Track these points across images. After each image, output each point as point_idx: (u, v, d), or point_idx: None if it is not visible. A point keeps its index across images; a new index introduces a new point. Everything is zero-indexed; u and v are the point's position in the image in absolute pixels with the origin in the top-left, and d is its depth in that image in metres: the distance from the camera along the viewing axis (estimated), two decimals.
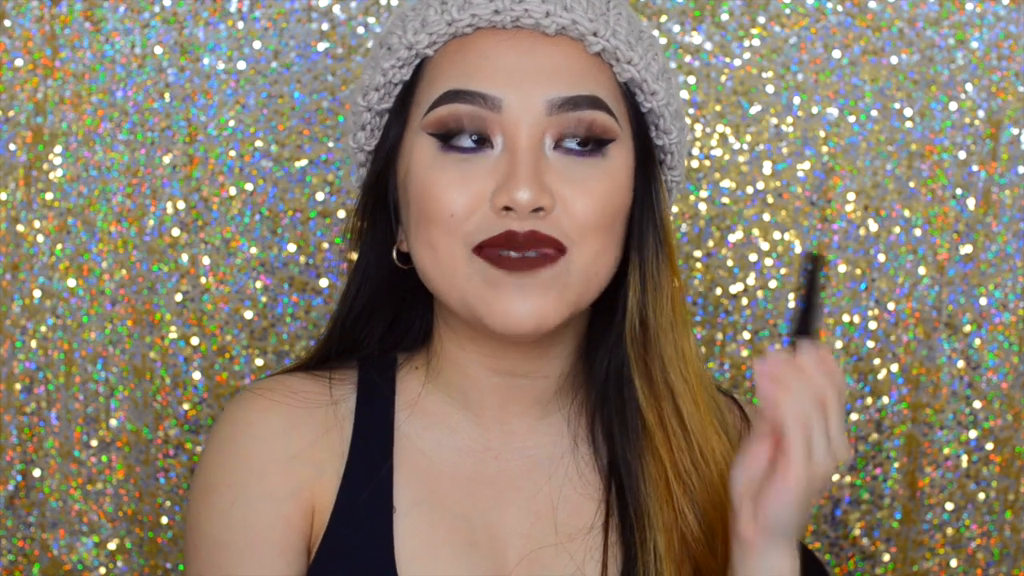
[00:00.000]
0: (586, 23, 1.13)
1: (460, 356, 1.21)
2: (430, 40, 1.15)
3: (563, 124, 1.12)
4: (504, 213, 1.10)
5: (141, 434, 1.76)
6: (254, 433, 1.18)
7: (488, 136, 1.12)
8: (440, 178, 1.12)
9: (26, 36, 1.72)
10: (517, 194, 1.08)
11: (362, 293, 1.23)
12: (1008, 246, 1.79)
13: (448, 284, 1.13)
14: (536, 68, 1.12)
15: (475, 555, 1.18)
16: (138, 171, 1.74)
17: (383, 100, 1.19)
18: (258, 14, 1.73)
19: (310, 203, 1.75)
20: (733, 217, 1.77)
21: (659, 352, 1.18)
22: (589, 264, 1.13)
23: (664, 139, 1.20)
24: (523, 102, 1.11)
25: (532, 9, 1.13)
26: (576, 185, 1.12)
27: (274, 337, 1.76)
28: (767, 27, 1.76)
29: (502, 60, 1.12)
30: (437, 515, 1.18)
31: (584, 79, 1.13)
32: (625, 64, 1.16)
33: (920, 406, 1.80)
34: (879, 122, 1.77)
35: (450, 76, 1.13)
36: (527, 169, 1.10)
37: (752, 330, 1.79)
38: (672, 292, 1.19)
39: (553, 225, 1.10)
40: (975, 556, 1.82)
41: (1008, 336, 1.80)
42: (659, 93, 1.18)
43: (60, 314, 1.75)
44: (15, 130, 1.73)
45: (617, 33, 1.15)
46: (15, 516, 1.77)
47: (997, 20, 1.76)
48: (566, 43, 1.14)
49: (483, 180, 1.11)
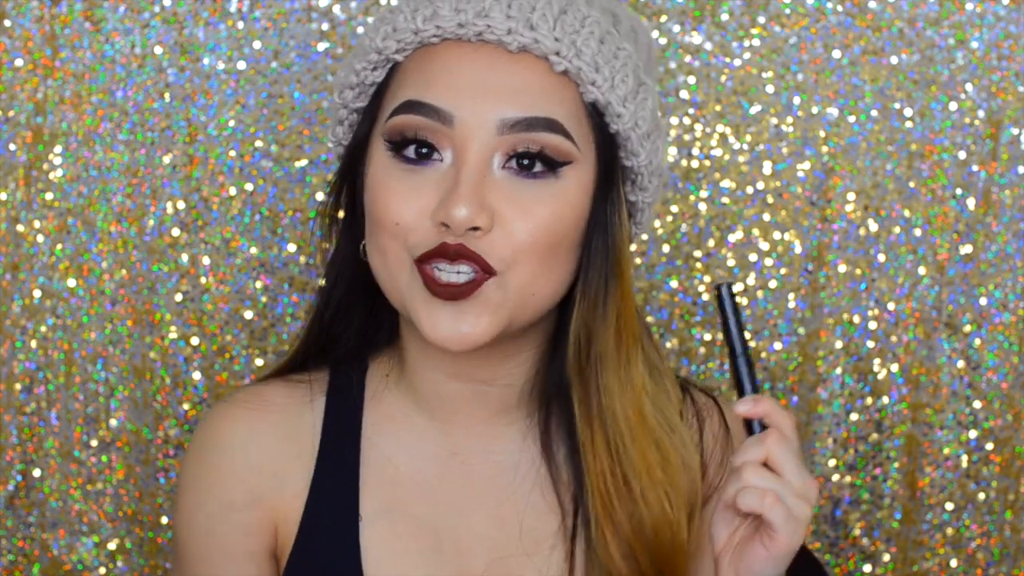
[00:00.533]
0: (549, 43, 1.12)
1: (421, 361, 1.21)
2: (398, 46, 1.15)
3: (514, 144, 1.11)
4: (442, 228, 1.10)
5: (141, 434, 1.76)
6: (220, 444, 1.22)
7: (437, 147, 1.12)
8: (389, 187, 1.13)
9: (26, 36, 1.72)
10: (454, 211, 1.08)
11: (338, 286, 1.24)
12: (1008, 246, 1.79)
13: (393, 288, 1.14)
14: (493, 85, 1.12)
15: (441, 560, 1.19)
16: (138, 171, 1.74)
17: (358, 99, 1.19)
18: (258, 14, 1.73)
19: (310, 203, 1.75)
20: (733, 217, 1.77)
21: (597, 377, 1.18)
22: (525, 285, 1.12)
23: (632, 160, 1.18)
24: (475, 119, 1.11)
25: (495, 25, 1.12)
26: (519, 206, 1.11)
27: (274, 337, 1.76)
28: (767, 27, 1.76)
29: (461, 75, 1.12)
30: (403, 522, 1.19)
31: (542, 100, 1.12)
32: (589, 85, 1.14)
33: (920, 406, 1.80)
34: (879, 122, 1.77)
35: (412, 84, 1.13)
36: (467, 187, 1.09)
37: (752, 330, 1.79)
38: (620, 318, 1.18)
39: (487, 246, 1.10)
40: (975, 556, 1.82)
41: (1008, 336, 1.80)
42: (624, 116, 1.15)
43: (60, 314, 1.75)
44: (15, 130, 1.73)
45: (582, 54, 1.13)
46: (15, 516, 1.77)
47: (997, 20, 1.76)
48: (529, 60, 1.13)
49: (429, 193, 1.11)
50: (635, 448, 1.18)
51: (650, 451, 1.19)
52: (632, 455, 1.18)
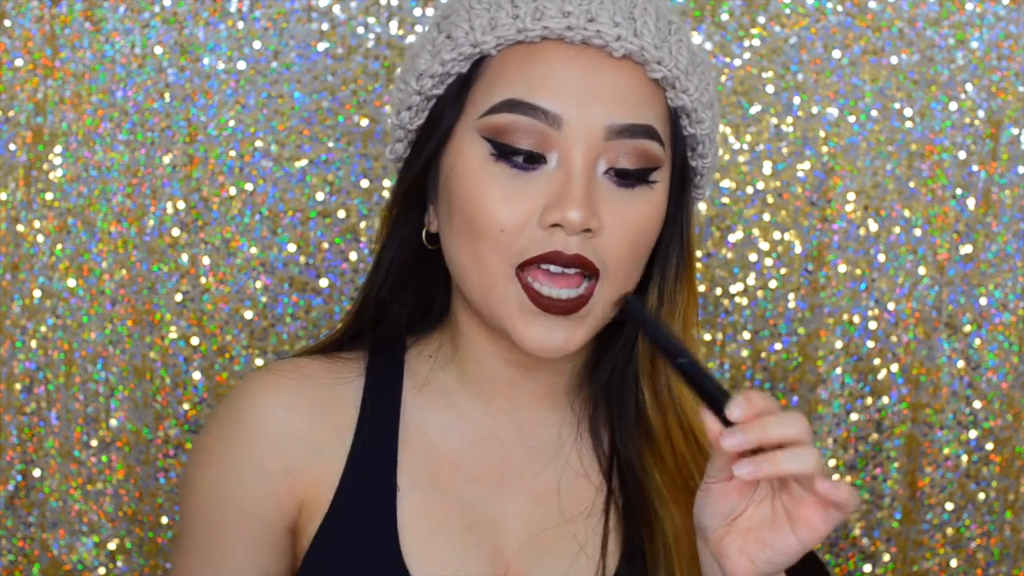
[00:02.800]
0: (652, 51, 1.14)
1: (476, 345, 1.22)
2: (497, 42, 1.15)
3: (618, 150, 1.13)
4: (552, 230, 1.11)
5: (141, 434, 1.76)
6: (258, 409, 1.20)
7: (543, 152, 1.13)
8: (491, 190, 1.13)
9: (26, 36, 1.72)
10: (569, 213, 1.10)
11: (394, 267, 1.24)
12: (1008, 246, 1.79)
13: (484, 296, 1.15)
14: (599, 91, 1.13)
15: (475, 536, 1.19)
16: (138, 171, 1.74)
17: (436, 87, 1.19)
18: (258, 14, 1.73)
19: (310, 203, 1.75)
20: (733, 217, 1.77)
21: (666, 368, 1.20)
22: (616, 290, 1.15)
23: (699, 162, 1.22)
24: (584, 123, 1.12)
25: (604, 31, 1.13)
26: (617, 213, 1.13)
27: (274, 337, 1.76)
28: (767, 27, 1.76)
29: (567, 77, 1.13)
30: (439, 497, 1.19)
31: (642, 106, 1.14)
32: (681, 92, 1.16)
33: (920, 406, 1.80)
34: (879, 122, 1.77)
35: (513, 83, 1.14)
36: (581, 189, 1.11)
37: (752, 330, 1.79)
38: (685, 308, 1.20)
39: (595, 249, 1.12)
40: (975, 556, 1.82)
41: (1008, 336, 1.80)
42: (705, 122, 1.19)
43: (60, 314, 1.75)
44: (15, 130, 1.73)
45: (679, 62, 1.15)
46: (15, 516, 1.77)
47: (997, 20, 1.76)
48: (629, 66, 1.14)
49: (534, 197, 1.12)
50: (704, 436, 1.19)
51: None
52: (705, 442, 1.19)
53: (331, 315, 1.76)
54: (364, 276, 1.75)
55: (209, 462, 1.21)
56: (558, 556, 1.19)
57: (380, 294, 1.25)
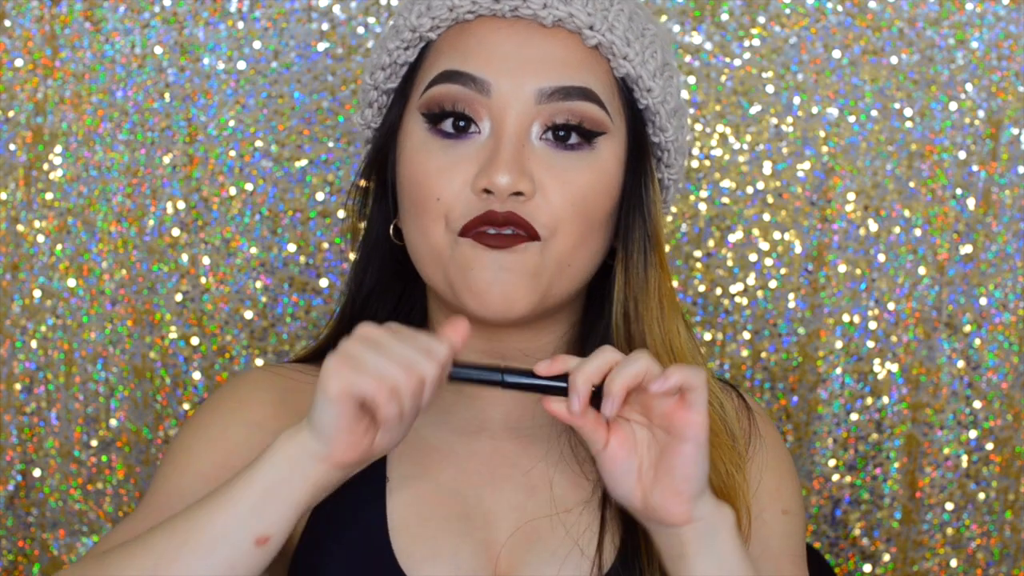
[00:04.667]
0: (583, 17, 1.15)
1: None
2: (432, 23, 1.17)
3: (552, 113, 1.14)
4: (484, 196, 1.12)
5: (141, 434, 1.76)
6: (256, 382, 1.23)
7: (475, 119, 1.14)
8: (427, 163, 1.14)
9: (26, 36, 1.73)
10: (497, 177, 1.11)
11: (371, 268, 1.25)
12: (1008, 246, 1.79)
13: (434, 266, 1.16)
14: (530, 57, 1.14)
15: (467, 526, 1.18)
16: (138, 171, 1.74)
17: (389, 80, 1.21)
18: (258, 14, 1.73)
19: (310, 203, 1.75)
20: (733, 217, 1.77)
21: (645, 344, 1.19)
22: (564, 255, 1.14)
23: (660, 136, 1.21)
24: (513, 89, 1.13)
25: (530, 1, 1.15)
26: (558, 175, 1.14)
27: (274, 337, 1.76)
28: (767, 27, 1.76)
29: (497, 47, 1.15)
30: (429, 489, 1.19)
31: (578, 71, 1.15)
32: (621, 60, 1.17)
33: (920, 406, 1.80)
34: (879, 122, 1.77)
35: (447, 58, 1.16)
36: (509, 153, 1.12)
37: (752, 330, 1.79)
38: (660, 288, 1.19)
39: (531, 212, 1.12)
40: (975, 556, 1.82)
41: (1008, 336, 1.80)
42: (655, 90, 1.19)
43: (60, 314, 1.75)
44: (15, 130, 1.73)
45: (615, 28, 1.16)
46: (15, 516, 1.77)
47: (997, 20, 1.76)
48: (563, 35, 1.16)
49: (468, 165, 1.13)
50: None
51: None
52: None
53: (331, 315, 1.76)
54: None
55: (195, 422, 1.22)
56: (552, 548, 1.18)
57: (359, 296, 1.26)
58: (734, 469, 1.18)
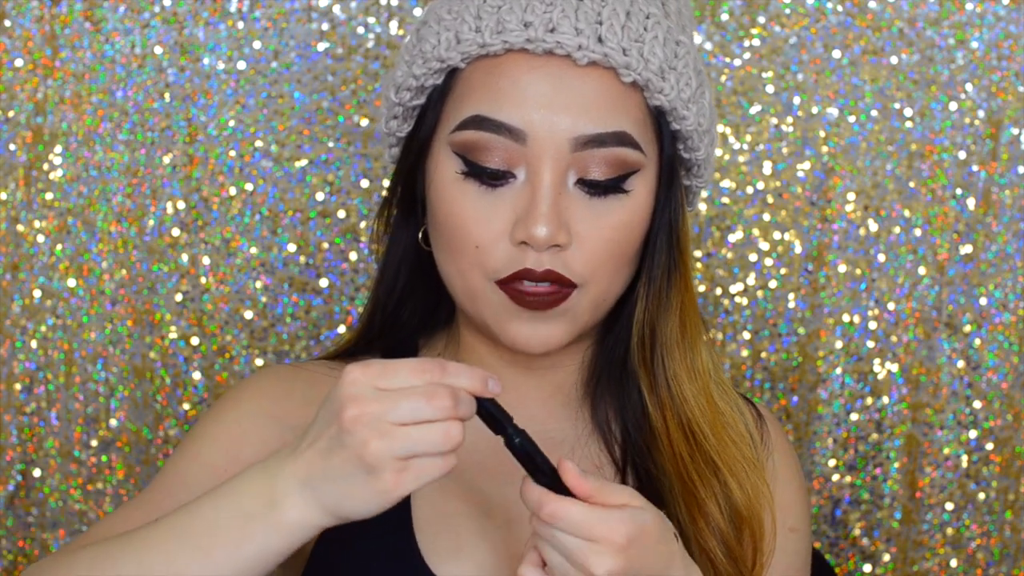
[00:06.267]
0: (618, 56, 1.13)
1: (478, 345, 1.24)
2: (461, 56, 1.15)
3: (588, 160, 1.13)
4: (523, 247, 1.12)
5: (141, 434, 1.76)
6: (276, 378, 1.23)
7: (510, 168, 1.13)
8: (464, 208, 1.14)
9: (26, 36, 1.73)
10: (535, 230, 1.10)
11: (402, 272, 1.26)
12: (1008, 246, 1.79)
13: (469, 303, 1.17)
14: (565, 101, 1.12)
15: (489, 524, 1.19)
16: (138, 171, 1.74)
17: (415, 98, 1.20)
18: (258, 14, 1.73)
19: (310, 203, 1.75)
20: (733, 217, 1.77)
21: (664, 366, 1.20)
22: (599, 295, 1.16)
23: (692, 155, 1.21)
24: (549, 137, 1.12)
25: (564, 41, 1.12)
26: (593, 223, 1.14)
27: (274, 337, 1.76)
28: (767, 27, 1.76)
29: (532, 90, 1.12)
30: (452, 485, 1.19)
31: (612, 113, 1.13)
32: (656, 93, 1.15)
33: (920, 406, 1.80)
34: (879, 122, 1.77)
35: (479, 99, 1.14)
36: (547, 205, 1.11)
37: (752, 330, 1.79)
38: (682, 307, 1.20)
39: (567, 262, 1.13)
40: (975, 556, 1.82)
41: (1008, 336, 1.80)
42: (689, 118, 1.17)
43: (60, 314, 1.75)
44: (15, 130, 1.73)
45: (650, 64, 1.14)
46: (15, 516, 1.77)
47: (997, 20, 1.76)
48: (598, 72, 1.13)
49: (505, 213, 1.13)
50: (713, 432, 1.20)
51: (726, 433, 1.20)
52: (712, 440, 1.19)
53: (331, 315, 1.76)
54: (364, 276, 1.75)
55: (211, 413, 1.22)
56: None
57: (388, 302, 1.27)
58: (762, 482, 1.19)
